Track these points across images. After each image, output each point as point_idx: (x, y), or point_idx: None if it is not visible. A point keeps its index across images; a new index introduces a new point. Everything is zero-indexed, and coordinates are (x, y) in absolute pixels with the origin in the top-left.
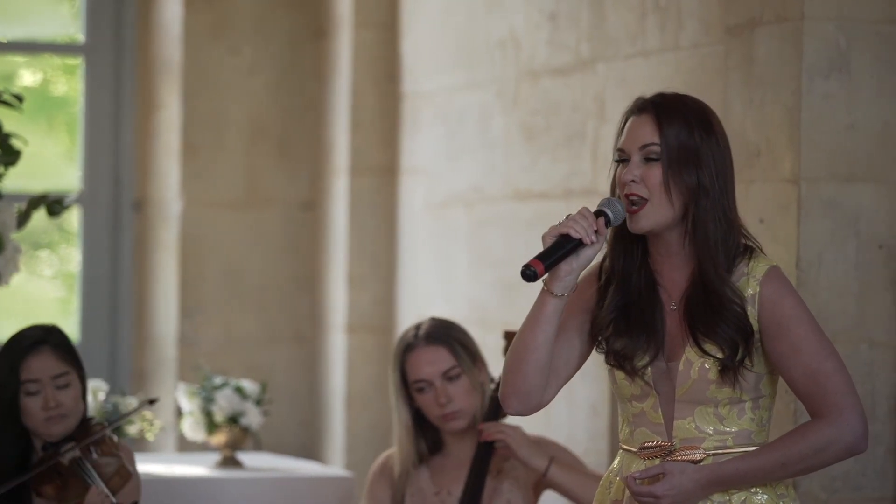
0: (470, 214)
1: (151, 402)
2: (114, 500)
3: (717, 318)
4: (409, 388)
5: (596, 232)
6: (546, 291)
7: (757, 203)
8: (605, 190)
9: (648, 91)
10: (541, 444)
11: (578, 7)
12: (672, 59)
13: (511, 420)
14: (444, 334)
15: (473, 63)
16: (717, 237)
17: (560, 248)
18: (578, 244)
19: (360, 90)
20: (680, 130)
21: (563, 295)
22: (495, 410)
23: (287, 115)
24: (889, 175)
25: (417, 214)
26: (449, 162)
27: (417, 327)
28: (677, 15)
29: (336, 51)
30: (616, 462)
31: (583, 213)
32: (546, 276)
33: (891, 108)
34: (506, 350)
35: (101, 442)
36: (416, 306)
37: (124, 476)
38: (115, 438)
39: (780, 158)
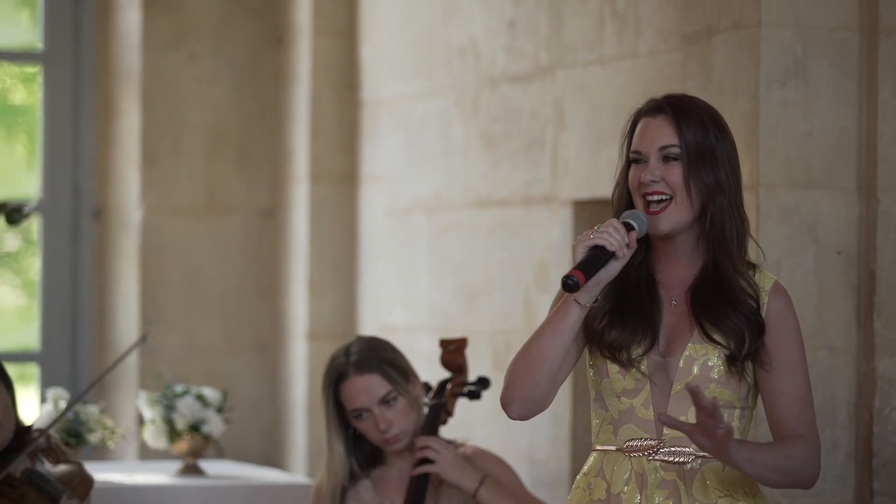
0: (430, 221)
1: (143, 338)
2: None
3: (727, 307)
4: (345, 413)
5: (626, 245)
6: (573, 301)
7: None
8: (564, 197)
9: (608, 98)
10: (480, 458)
11: (537, 14)
12: (630, 67)
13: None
14: (375, 358)
15: (432, 70)
16: (733, 234)
17: (597, 260)
18: (612, 256)
19: (320, 98)
20: (697, 131)
21: (587, 305)
22: (434, 418)
23: (247, 122)
24: (846, 181)
25: (378, 222)
26: (409, 169)
27: (347, 353)
28: (635, 22)
29: (295, 58)
30: (590, 464)
31: (615, 225)
32: None
33: (847, 114)
34: (447, 359)
35: (50, 450)
36: (376, 314)
37: (88, 482)
38: (63, 445)
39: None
